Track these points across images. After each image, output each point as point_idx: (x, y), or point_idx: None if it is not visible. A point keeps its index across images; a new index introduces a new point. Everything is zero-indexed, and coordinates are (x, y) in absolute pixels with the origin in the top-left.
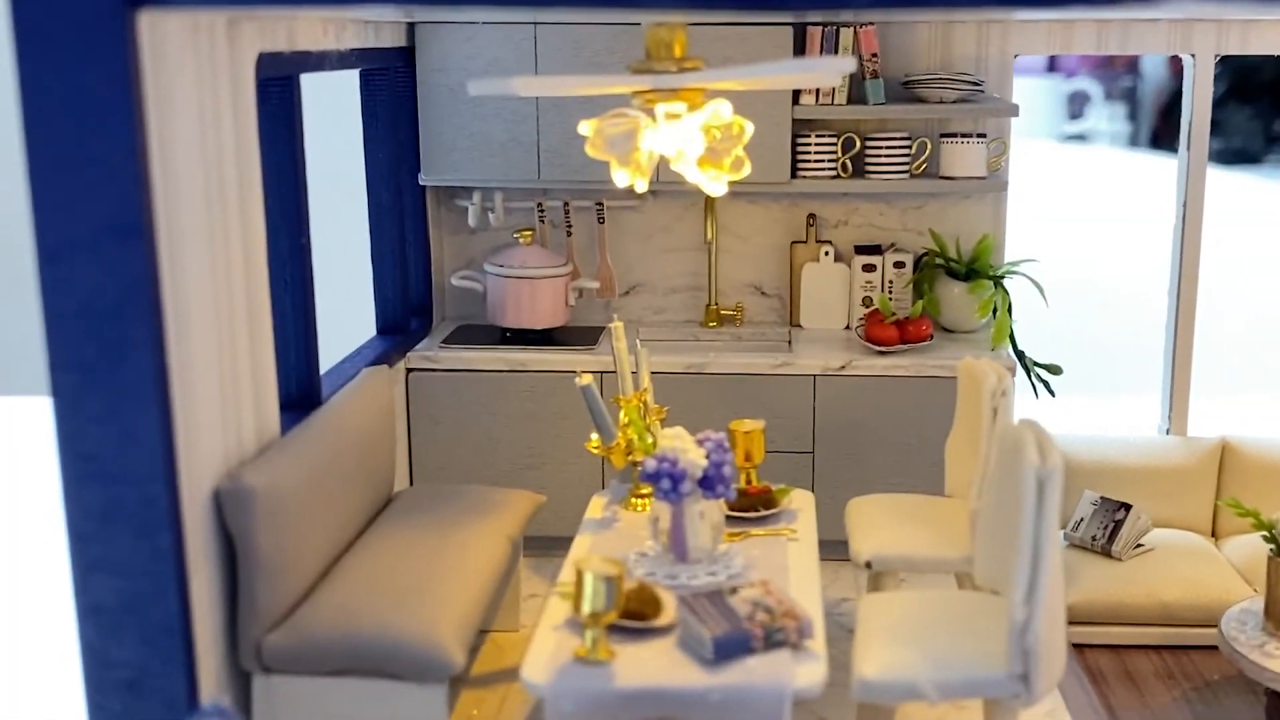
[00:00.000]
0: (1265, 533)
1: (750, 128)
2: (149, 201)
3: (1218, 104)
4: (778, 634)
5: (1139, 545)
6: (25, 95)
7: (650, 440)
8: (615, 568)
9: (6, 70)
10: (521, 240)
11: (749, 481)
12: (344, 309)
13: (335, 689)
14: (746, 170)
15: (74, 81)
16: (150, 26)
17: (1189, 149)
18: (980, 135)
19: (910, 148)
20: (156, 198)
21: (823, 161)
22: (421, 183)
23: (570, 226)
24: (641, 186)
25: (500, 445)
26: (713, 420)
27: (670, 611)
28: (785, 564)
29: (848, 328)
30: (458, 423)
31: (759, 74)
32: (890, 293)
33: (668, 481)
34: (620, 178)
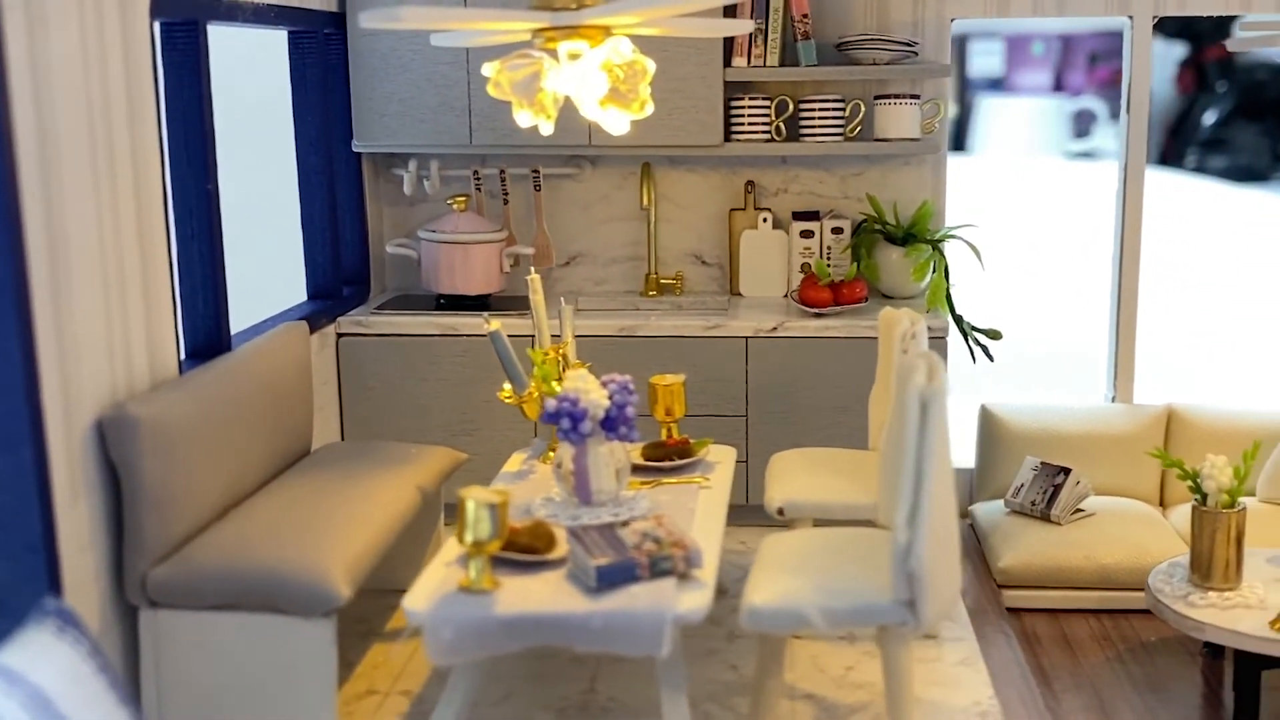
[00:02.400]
0: (1190, 482)
1: (652, 65)
2: (6, 103)
3: (1224, 122)
4: (664, 563)
5: (1079, 510)
6: None
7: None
8: (499, 496)
9: None
10: (455, 206)
11: (670, 435)
12: (290, 276)
13: (222, 623)
14: (650, 109)
15: None
16: None
17: (1129, 113)
18: (914, 96)
19: (844, 110)
20: (18, 105)
21: (757, 125)
22: (355, 149)
23: (507, 194)
24: (547, 129)
25: (433, 410)
26: (646, 382)
27: (563, 546)
28: (693, 508)
29: (786, 295)
30: (390, 388)
31: (650, 4)
32: (829, 259)
33: (568, 421)
34: (523, 118)
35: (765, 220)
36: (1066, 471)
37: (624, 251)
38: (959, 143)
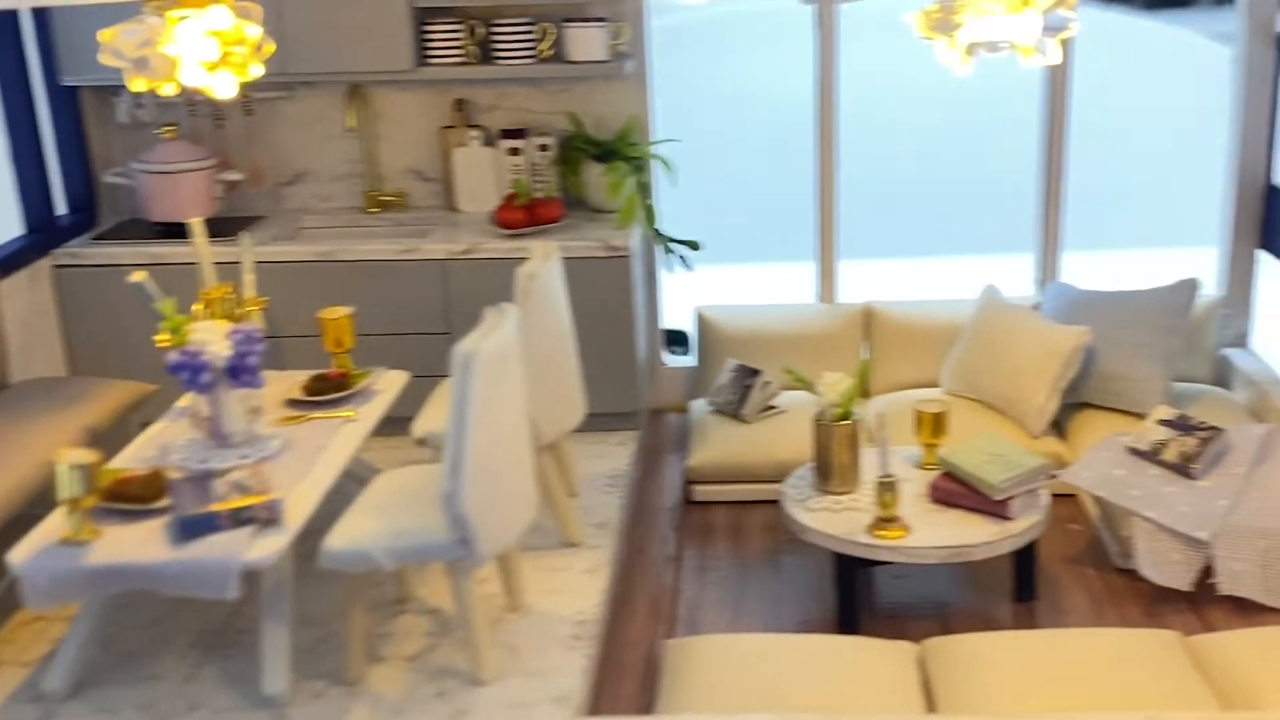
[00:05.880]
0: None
1: (256, 32)
2: None
3: None
4: (245, 514)
5: (769, 408)
6: None
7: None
8: (90, 457)
9: None
10: (165, 135)
11: (339, 367)
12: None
13: None
14: (259, 72)
15: None
16: None
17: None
18: (600, 19)
19: (535, 33)
20: None
21: (451, 48)
22: (64, 83)
23: (220, 120)
24: (169, 90)
25: (150, 339)
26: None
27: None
28: (326, 445)
29: None
30: (109, 319)
31: None
32: (536, 176)
33: (187, 373)
34: (137, 85)
35: (475, 139)
36: (756, 373)
37: (346, 169)
38: None
